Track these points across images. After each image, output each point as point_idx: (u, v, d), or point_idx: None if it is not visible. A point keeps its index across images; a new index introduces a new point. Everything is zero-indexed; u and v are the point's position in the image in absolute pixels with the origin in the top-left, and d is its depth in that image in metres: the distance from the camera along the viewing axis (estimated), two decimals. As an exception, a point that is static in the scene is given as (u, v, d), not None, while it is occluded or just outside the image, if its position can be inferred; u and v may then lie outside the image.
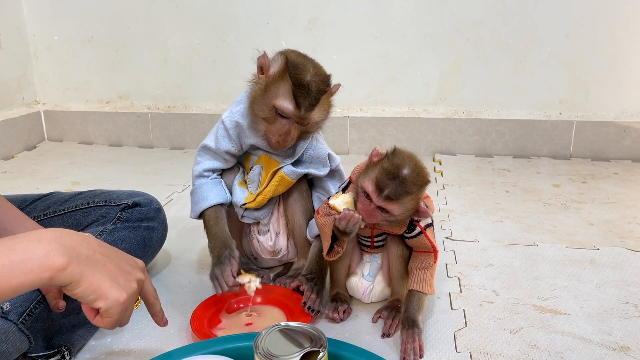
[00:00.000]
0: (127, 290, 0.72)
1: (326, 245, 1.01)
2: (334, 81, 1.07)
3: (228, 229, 1.13)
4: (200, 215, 1.15)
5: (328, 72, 1.07)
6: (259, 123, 1.07)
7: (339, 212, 0.95)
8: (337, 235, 0.99)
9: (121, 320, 0.73)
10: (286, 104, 1.02)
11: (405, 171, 0.92)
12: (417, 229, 1.01)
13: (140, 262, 0.80)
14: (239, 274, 1.05)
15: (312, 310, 1.04)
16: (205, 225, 1.14)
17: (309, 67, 1.03)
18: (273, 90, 1.03)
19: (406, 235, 1.03)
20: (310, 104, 1.02)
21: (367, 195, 0.94)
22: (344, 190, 1.06)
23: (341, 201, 0.98)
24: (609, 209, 1.69)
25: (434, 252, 1.02)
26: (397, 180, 0.91)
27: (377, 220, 0.96)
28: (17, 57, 2.44)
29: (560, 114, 2.26)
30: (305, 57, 1.07)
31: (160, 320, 0.85)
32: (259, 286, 1.03)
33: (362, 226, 0.98)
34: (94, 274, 0.68)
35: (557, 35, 2.17)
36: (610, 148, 2.24)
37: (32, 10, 2.47)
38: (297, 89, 1.01)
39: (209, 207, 1.13)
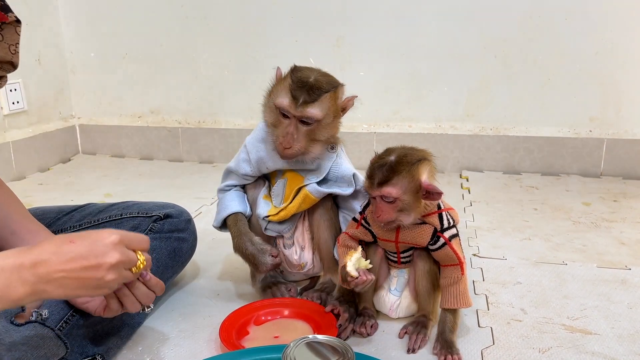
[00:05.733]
0: (102, 287, 0.74)
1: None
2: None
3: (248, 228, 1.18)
4: (224, 225, 1.19)
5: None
6: (270, 132, 1.11)
7: (354, 277, 0.96)
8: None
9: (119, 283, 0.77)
10: (282, 99, 1.05)
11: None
12: (441, 240, 1.01)
13: (111, 239, 0.75)
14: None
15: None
16: (229, 229, 1.19)
17: (314, 71, 1.08)
18: (275, 92, 1.08)
19: (430, 247, 1.03)
20: (308, 97, 1.04)
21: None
22: (364, 209, 1.08)
23: (355, 261, 0.98)
24: (641, 228, 1.66)
25: (459, 263, 1.02)
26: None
27: (391, 216, 0.97)
28: (55, 73, 2.53)
29: (591, 131, 2.23)
30: (314, 68, 1.10)
31: (157, 288, 0.87)
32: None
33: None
34: (55, 289, 0.70)
35: (586, 53, 2.16)
36: (642, 166, 2.20)
37: (70, 28, 2.56)
38: (294, 84, 1.04)
39: (230, 215, 1.17)
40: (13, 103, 2.26)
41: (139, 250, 0.80)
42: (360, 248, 1.02)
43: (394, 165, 0.94)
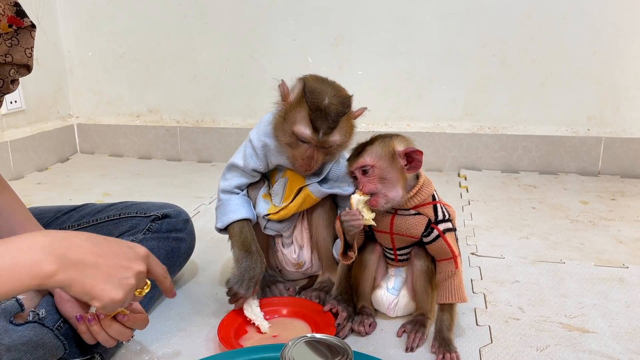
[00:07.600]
0: (124, 288, 0.74)
1: (342, 245, 1.05)
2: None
3: (255, 240, 1.14)
4: (227, 229, 1.16)
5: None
6: (283, 148, 1.10)
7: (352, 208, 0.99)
8: (339, 232, 1.03)
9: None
10: (304, 129, 1.04)
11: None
12: (435, 233, 1.01)
13: (142, 250, 0.81)
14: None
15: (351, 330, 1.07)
16: (231, 237, 1.15)
17: (327, 90, 1.05)
18: (291, 117, 1.05)
19: (425, 239, 1.03)
20: (329, 127, 1.03)
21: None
22: None
23: (360, 201, 0.99)
24: (639, 227, 1.66)
25: (453, 257, 1.02)
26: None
27: (374, 187, 0.98)
28: (53, 72, 2.52)
29: (589, 130, 2.24)
30: (324, 80, 1.08)
31: (169, 293, 0.91)
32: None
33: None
34: (84, 278, 0.70)
35: (585, 52, 2.16)
36: (640, 165, 2.21)
37: (68, 28, 2.56)
38: (313, 113, 1.03)
39: (237, 221, 1.14)
40: (11, 102, 2.26)
41: (153, 275, 0.84)
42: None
43: (367, 142, 1.02)
